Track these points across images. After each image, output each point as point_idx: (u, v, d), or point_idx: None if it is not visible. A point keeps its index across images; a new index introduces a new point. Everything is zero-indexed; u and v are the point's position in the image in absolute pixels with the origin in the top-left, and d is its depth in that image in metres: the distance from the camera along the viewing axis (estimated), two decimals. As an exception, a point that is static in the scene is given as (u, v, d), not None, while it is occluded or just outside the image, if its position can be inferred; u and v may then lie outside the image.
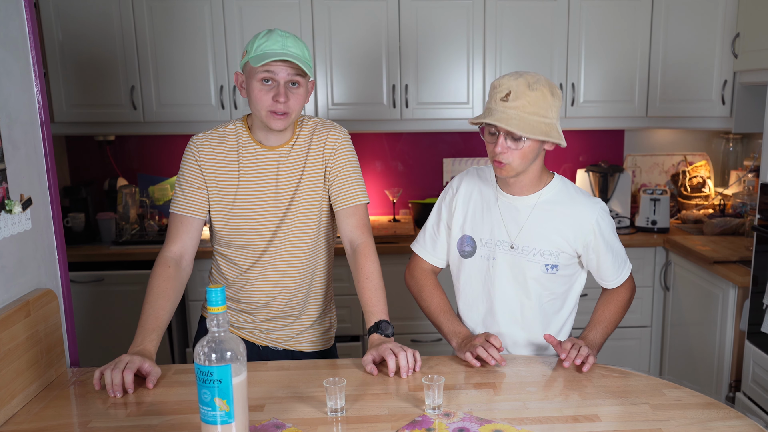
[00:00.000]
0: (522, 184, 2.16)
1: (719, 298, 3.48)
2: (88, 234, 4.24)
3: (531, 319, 2.23)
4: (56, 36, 4.00)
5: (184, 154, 2.25)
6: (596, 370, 2.04)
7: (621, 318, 2.27)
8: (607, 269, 2.21)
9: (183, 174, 2.24)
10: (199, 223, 2.25)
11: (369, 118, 4.21)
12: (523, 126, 1.96)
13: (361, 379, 1.99)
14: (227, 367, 1.46)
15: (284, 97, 2.09)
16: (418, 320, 4.14)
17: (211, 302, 1.46)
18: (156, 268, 2.16)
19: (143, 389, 1.93)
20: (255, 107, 2.12)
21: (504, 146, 2.01)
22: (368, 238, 2.28)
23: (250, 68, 2.10)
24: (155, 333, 2.05)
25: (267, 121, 2.12)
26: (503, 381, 1.98)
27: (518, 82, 1.99)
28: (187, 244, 2.23)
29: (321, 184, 2.27)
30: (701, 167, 4.64)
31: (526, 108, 1.97)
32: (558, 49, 4.15)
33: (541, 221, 2.16)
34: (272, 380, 2.00)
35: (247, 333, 2.37)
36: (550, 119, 2.01)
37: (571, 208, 2.16)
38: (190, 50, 4.06)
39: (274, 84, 2.09)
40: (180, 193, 2.23)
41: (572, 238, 2.15)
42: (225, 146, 2.23)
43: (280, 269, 2.28)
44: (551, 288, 2.21)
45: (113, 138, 4.55)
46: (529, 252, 2.17)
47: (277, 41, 2.08)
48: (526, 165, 2.06)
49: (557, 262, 2.17)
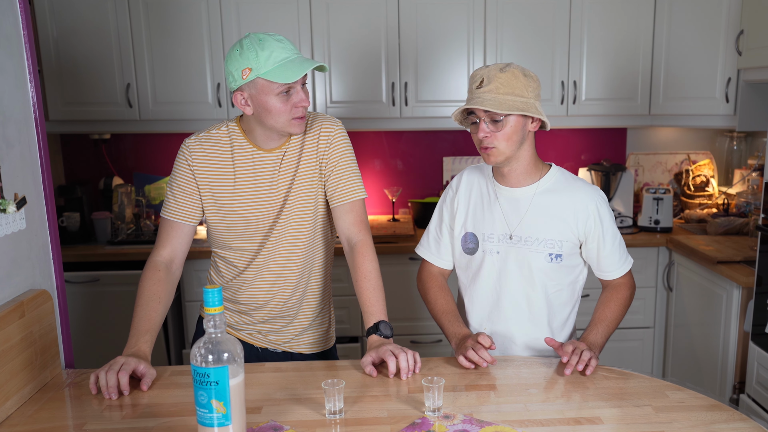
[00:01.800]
0: (517, 173, 2.20)
1: (723, 298, 3.48)
2: (83, 234, 4.24)
3: (538, 310, 2.24)
4: (51, 32, 4.00)
5: (177, 157, 2.24)
6: (598, 371, 2.05)
7: (622, 317, 2.27)
8: (607, 258, 2.23)
9: (174, 178, 2.23)
10: (190, 229, 2.24)
11: (368, 116, 4.21)
12: (497, 105, 2.04)
13: (360, 380, 1.99)
14: (224, 369, 1.46)
15: (307, 102, 2.09)
16: (418, 321, 4.15)
17: (208, 303, 1.46)
18: (146, 271, 2.16)
19: (139, 391, 1.93)
20: (276, 120, 2.08)
21: (486, 130, 2.08)
22: (366, 236, 2.26)
23: (264, 84, 2.03)
24: (149, 334, 2.05)
25: (290, 129, 2.10)
26: (504, 383, 1.98)
27: (489, 68, 2.09)
28: (177, 248, 2.23)
29: (316, 180, 2.25)
30: (705, 166, 4.64)
31: (500, 89, 2.05)
32: (559, 45, 4.15)
33: (541, 211, 2.19)
34: (270, 382, 2.00)
35: (246, 335, 2.37)
36: (526, 98, 2.08)
37: (571, 195, 2.20)
38: (186, 47, 4.06)
39: (293, 91, 2.07)
40: (171, 197, 2.23)
41: (573, 224, 2.18)
42: (218, 149, 2.21)
43: (276, 269, 2.27)
44: (556, 278, 2.22)
45: (108, 136, 4.55)
46: (533, 242, 2.19)
47: (285, 48, 2.04)
48: (513, 148, 2.11)
49: (561, 251, 2.19)
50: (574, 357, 2.02)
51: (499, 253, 2.23)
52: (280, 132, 2.13)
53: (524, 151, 2.16)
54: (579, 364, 2.01)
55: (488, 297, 2.28)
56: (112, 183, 4.42)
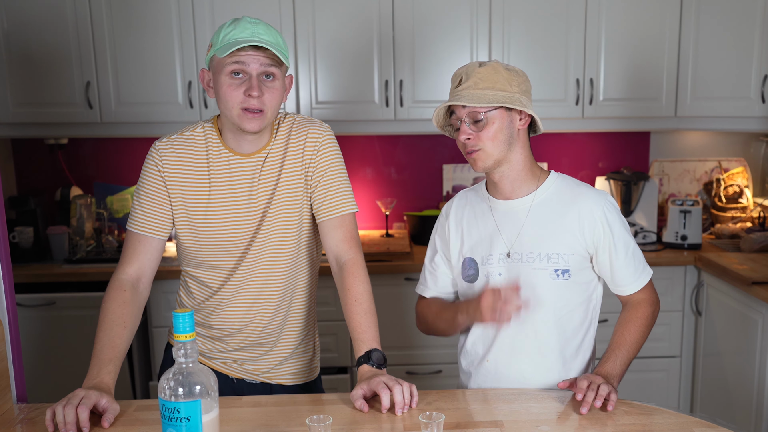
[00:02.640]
0: (510, 180, 2.22)
1: (758, 323, 3.50)
2: (37, 251, 4.23)
3: (545, 337, 2.23)
4: (1, 25, 4.00)
5: (145, 162, 2.24)
6: (618, 406, 2.05)
7: (644, 338, 2.25)
8: (620, 269, 2.23)
9: (143, 186, 2.23)
10: (160, 243, 2.24)
11: (358, 119, 4.22)
12: (476, 100, 2.09)
13: (350, 416, 2.00)
14: (196, 403, 1.46)
15: (258, 91, 2.07)
16: (415, 349, 4.15)
17: (178, 329, 1.47)
18: (110, 291, 2.16)
19: (100, 428, 1.93)
20: (225, 106, 2.11)
21: (467, 131, 2.13)
22: (357, 254, 2.27)
23: (218, 61, 2.09)
24: (112, 364, 2.04)
25: (239, 122, 2.10)
26: (512, 419, 1.98)
27: (468, 66, 2.16)
28: (145, 265, 2.22)
29: (301, 191, 2.26)
30: (738, 174, 4.66)
31: (479, 84, 2.11)
32: (574, 39, 4.17)
33: (541, 222, 2.21)
34: (248, 418, 2.00)
35: (220, 363, 2.37)
36: (509, 92, 2.12)
37: (574, 202, 2.21)
38: (153, 41, 4.07)
39: (246, 77, 2.08)
40: (139, 208, 2.22)
41: (579, 235, 2.19)
42: (192, 153, 2.22)
43: (254, 289, 2.27)
44: (566, 297, 2.21)
45: (66, 141, 4.55)
46: (534, 258, 2.19)
47: (246, 28, 2.07)
48: (500, 149, 2.14)
49: (568, 266, 2.19)
50: (590, 393, 1.99)
51: (501, 275, 2.23)
52: (236, 124, 2.12)
53: (516, 154, 2.19)
54: (597, 400, 1.98)
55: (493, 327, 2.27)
56: (70, 194, 4.42)
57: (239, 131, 2.15)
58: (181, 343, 1.47)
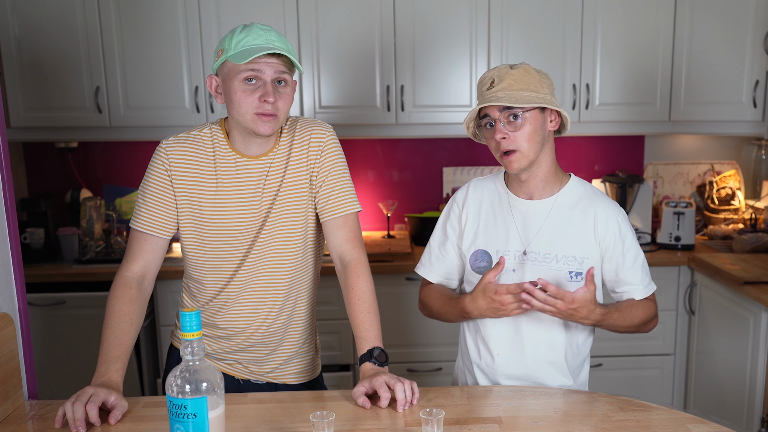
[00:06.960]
0: (537, 181, 2.23)
1: (750, 322, 3.50)
2: (48, 252, 4.23)
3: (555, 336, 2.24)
4: (12, 31, 4.01)
5: (152, 160, 2.22)
6: (613, 402, 2.05)
7: (635, 327, 2.26)
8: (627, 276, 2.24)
9: (148, 184, 2.22)
10: (164, 242, 2.23)
11: (360, 123, 4.22)
12: (514, 100, 2.08)
13: (352, 413, 1.99)
14: (203, 400, 1.46)
15: (273, 97, 2.06)
16: (416, 348, 4.15)
17: (185, 327, 1.46)
18: (115, 289, 2.15)
19: (108, 425, 1.92)
20: (238, 111, 2.09)
21: (503, 131, 2.11)
22: (360, 253, 2.27)
23: (231, 68, 2.08)
24: (120, 361, 2.04)
25: (253, 126, 2.09)
26: (510, 415, 1.98)
27: (499, 68, 2.15)
28: (150, 263, 2.22)
29: (306, 192, 2.25)
30: (730, 177, 4.66)
31: (513, 86, 2.10)
32: (571, 44, 4.17)
33: (561, 225, 2.22)
34: (252, 414, 2.00)
35: (226, 365, 2.36)
36: (542, 94, 2.12)
37: (593, 209, 2.23)
38: (161, 46, 4.07)
39: (260, 83, 2.07)
40: (144, 206, 2.21)
41: (593, 239, 2.21)
42: (199, 153, 2.21)
43: (259, 289, 2.27)
44: None
45: (76, 145, 4.55)
46: (552, 259, 2.20)
47: (259, 35, 2.07)
48: (535, 149, 2.14)
49: (582, 269, 2.20)
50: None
51: (515, 271, 2.23)
52: (249, 128, 2.11)
53: (546, 155, 2.20)
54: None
55: (505, 321, 2.26)
56: (80, 196, 4.42)
57: (249, 134, 2.15)
58: (188, 341, 1.47)
